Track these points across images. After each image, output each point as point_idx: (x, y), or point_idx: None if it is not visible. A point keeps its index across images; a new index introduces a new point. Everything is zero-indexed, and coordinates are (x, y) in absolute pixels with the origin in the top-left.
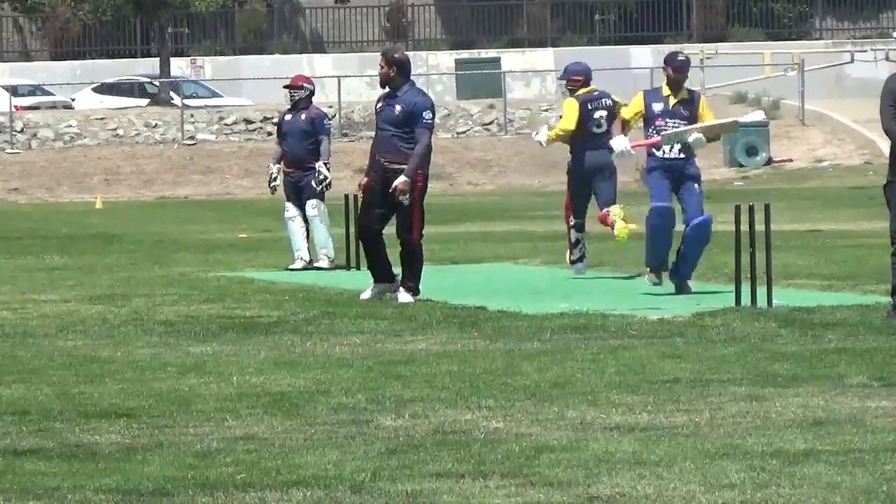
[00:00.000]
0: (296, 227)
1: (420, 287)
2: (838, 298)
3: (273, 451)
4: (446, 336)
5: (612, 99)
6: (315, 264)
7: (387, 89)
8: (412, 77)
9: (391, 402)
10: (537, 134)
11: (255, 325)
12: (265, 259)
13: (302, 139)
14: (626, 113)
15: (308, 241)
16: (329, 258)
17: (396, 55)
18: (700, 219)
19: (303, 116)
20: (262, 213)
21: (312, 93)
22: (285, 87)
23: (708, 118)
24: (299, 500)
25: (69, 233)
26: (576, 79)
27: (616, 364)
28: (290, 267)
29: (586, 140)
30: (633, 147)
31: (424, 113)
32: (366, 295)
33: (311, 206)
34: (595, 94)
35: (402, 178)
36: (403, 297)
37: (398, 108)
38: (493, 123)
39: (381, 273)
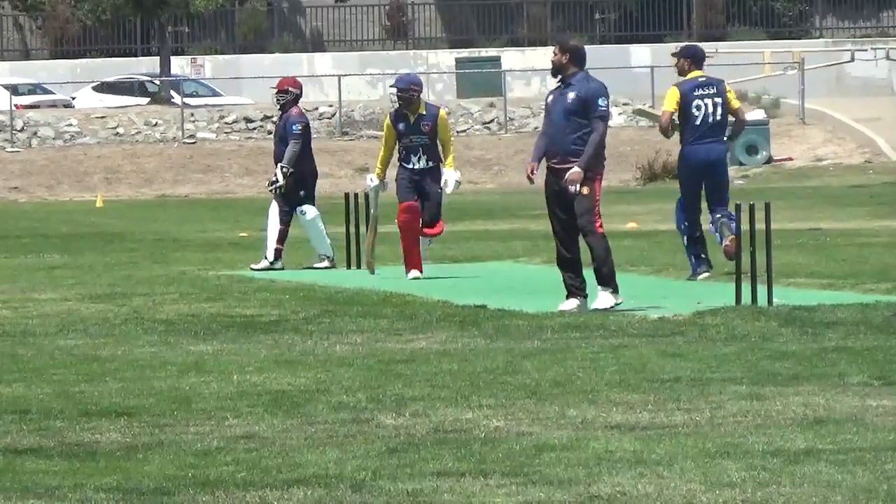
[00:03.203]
0: (268, 226)
1: (617, 286)
2: (839, 297)
3: (273, 450)
4: (447, 335)
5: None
6: (315, 265)
7: (558, 79)
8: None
9: (392, 401)
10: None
11: (255, 323)
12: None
13: (280, 142)
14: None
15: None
16: (328, 257)
17: (572, 42)
18: None
19: (282, 120)
20: (263, 211)
21: (298, 97)
22: (273, 88)
23: None
24: (300, 498)
25: (69, 231)
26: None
27: (616, 363)
28: (252, 266)
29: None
30: None
31: (600, 100)
32: (569, 306)
33: (300, 211)
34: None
35: (574, 169)
36: (604, 300)
37: (572, 94)
38: (493, 122)
39: (576, 285)
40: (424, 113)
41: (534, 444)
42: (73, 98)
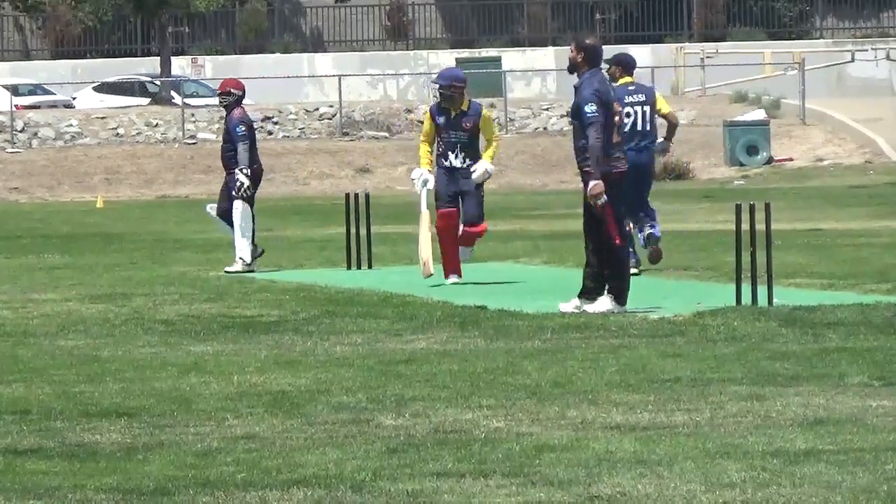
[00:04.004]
0: (236, 228)
1: (626, 297)
2: (839, 297)
3: (274, 451)
4: (447, 335)
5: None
6: (226, 269)
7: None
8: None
9: (392, 402)
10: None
11: (255, 324)
12: (266, 258)
13: (224, 144)
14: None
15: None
16: (244, 261)
17: (588, 40)
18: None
19: (226, 122)
20: (263, 212)
21: (240, 98)
22: (216, 90)
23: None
24: (300, 499)
25: (70, 232)
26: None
27: (617, 363)
28: (227, 269)
29: None
30: None
31: (586, 107)
32: (568, 307)
33: (235, 207)
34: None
35: (591, 184)
36: (602, 304)
37: (574, 101)
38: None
39: (587, 286)
40: (467, 110)
41: (534, 444)
42: (74, 98)
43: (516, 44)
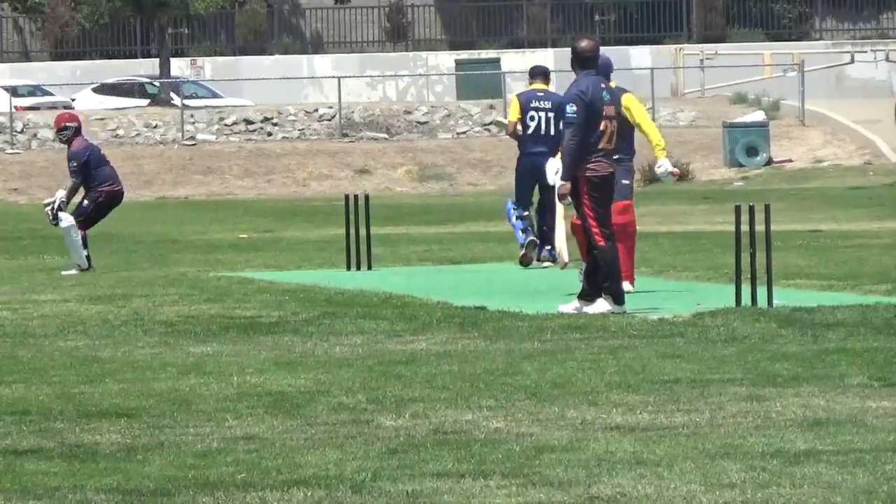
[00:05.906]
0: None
1: (623, 297)
2: (838, 298)
3: (273, 451)
4: (446, 336)
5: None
6: (64, 272)
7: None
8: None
9: (392, 402)
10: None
11: (255, 325)
12: (265, 259)
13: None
14: None
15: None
16: (79, 267)
17: (581, 43)
18: None
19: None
20: (263, 213)
21: (78, 129)
22: (52, 129)
23: None
24: (300, 499)
25: None
26: None
27: (616, 364)
28: (63, 272)
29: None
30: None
31: (567, 107)
32: (568, 308)
33: (59, 219)
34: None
35: (560, 183)
36: (598, 306)
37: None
38: (493, 124)
39: (588, 288)
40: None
41: (534, 445)
42: (73, 100)
43: (516, 45)
